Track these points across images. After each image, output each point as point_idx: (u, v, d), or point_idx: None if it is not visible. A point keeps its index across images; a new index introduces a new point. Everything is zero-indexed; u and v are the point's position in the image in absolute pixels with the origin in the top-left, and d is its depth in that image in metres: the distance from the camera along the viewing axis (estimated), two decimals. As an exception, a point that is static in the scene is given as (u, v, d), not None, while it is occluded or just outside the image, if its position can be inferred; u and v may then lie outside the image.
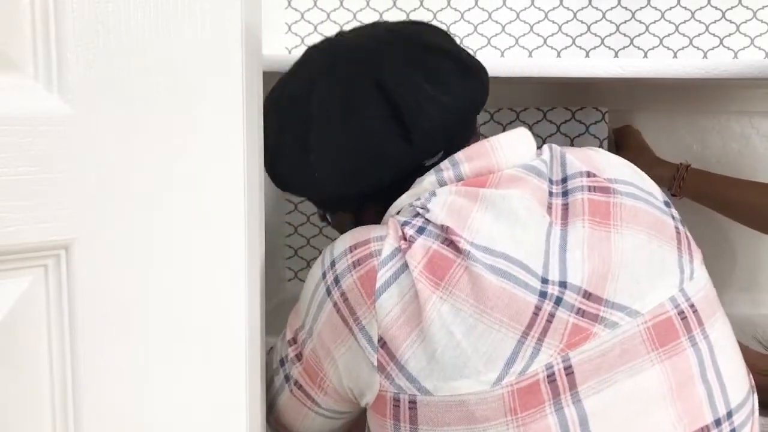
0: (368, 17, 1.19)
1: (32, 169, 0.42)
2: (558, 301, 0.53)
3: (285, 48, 1.22)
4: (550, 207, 0.58)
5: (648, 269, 0.56)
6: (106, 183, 0.45)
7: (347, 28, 1.19)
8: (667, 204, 0.62)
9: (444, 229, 0.55)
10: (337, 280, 0.57)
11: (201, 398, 0.51)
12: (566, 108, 1.11)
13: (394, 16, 1.18)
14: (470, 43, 1.17)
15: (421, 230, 0.55)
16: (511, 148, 0.61)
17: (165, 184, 0.48)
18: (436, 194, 0.58)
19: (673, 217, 0.61)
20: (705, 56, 1.14)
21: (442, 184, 0.60)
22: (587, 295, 0.54)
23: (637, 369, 0.53)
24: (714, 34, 1.14)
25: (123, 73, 0.45)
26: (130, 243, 0.47)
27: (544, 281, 0.54)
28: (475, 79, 0.65)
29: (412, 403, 0.52)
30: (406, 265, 0.54)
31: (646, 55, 1.15)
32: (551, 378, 0.52)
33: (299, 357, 0.62)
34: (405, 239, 0.56)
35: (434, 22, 1.17)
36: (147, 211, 0.47)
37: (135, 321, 0.48)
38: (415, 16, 1.18)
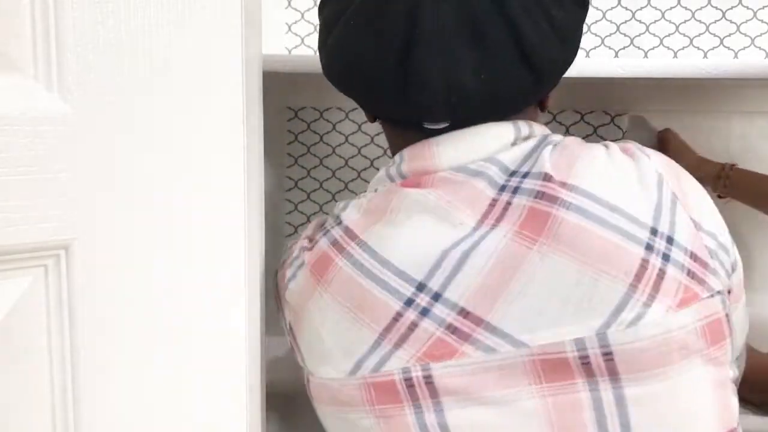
0: (368, 17, 1.19)
1: (32, 169, 0.42)
2: (424, 312, 0.53)
3: (285, 48, 1.22)
4: (492, 205, 0.54)
5: (559, 302, 0.51)
6: (106, 183, 0.45)
7: (347, 28, 1.20)
8: (653, 231, 0.51)
9: (346, 230, 0.58)
10: (276, 273, 0.67)
11: (201, 398, 0.51)
12: (605, 112, 1.10)
13: (394, 16, 1.18)
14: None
15: (326, 232, 0.60)
16: (451, 148, 0.57)
17: (165, 184, 0.48)
18: (377, 191, 0.61)
19: (651, 248, 0.51)
20: (705, 56, 1.14)
21: (389, 178, 0.61)
22: (464, 313, 0.52)
23: (514, 396, 0.52)
24: (714, 34, 1.14)
25: (123, 73, 0.45)
26: (130, 243, 0.47)
27: (420, 288, 0.53)
28: (529, 68, 0.57)
29: (308, 380, 0.60)
30: (304, 263, 0.60)
31: (646, 55, 1.15)
32: (408, 382, 0.53)
33: None
34: (311, 241, 0.62)
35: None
36: (147, 211, 0.47)
37: (135, 321, 0.48)
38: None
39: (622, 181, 0.54)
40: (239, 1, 0.49)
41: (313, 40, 1.21)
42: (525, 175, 0.55)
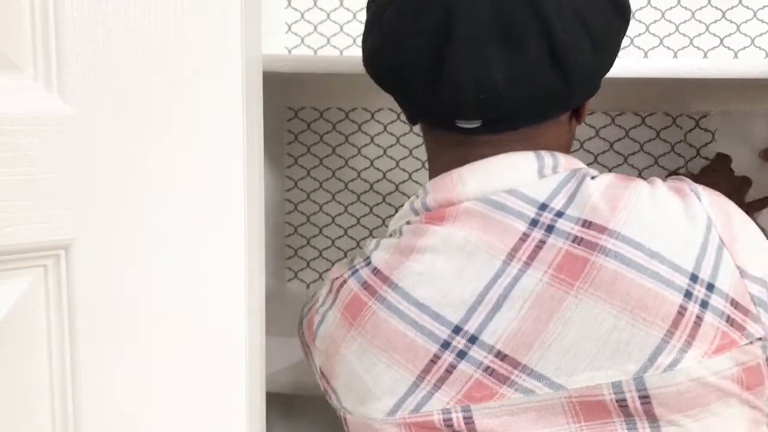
0: (368, 17, 1.19)
1: (32, 169, 0.42)
2: (461, 355, 0.54)
3: (285, 48, 1.22)
4: (523, 239, 0.54)
5: (596, 346, 0.51)
6: (106, 183, 0.45)
7: (347, 28, 1.20)
8: (693, 278, 0.51)
9: (375, 271, 0.59)
10: (301, 321, 0.67)
11: (201, 398, 0.51)
12: (666, 114, 1.08)
13: (394, 16, 1.18)
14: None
15: (354, 272, 0.61)
16: (473, 177, 0.58)
17: (165, 184, 0.48)
18: (402, 232, 0.60)
19: (689, 295, 0.51)
20: (705, 56, 1.14)
21: (414, 211, 0.61)
22: (501, 356, 0.53)
23: None
24: (714, 34, 1.14)
25: (123, 73, 0.45)
26: (130, 243, 0.47)
27: (456, 331, 0.54)
28: (559, 70, 0.56)
29: (345, 419, 0.61)
30: (333, 305, 0.61)
31: (646, 55, 1.15)
32: (448, 422, 0.54)
33: None
34: (340, 278, 0.62)
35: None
36: (147, 211, 0.47)
37: (135, 321, 0.48)
38: (415, 16, 1.18)
39: (666, 226, 0.53)
40: (239, 1, 0.49)
41: (313, 40, 1.21)
42: (559, 214, 0.54)
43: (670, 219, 0.53)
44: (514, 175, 0.57)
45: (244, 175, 0.51)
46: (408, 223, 0.61)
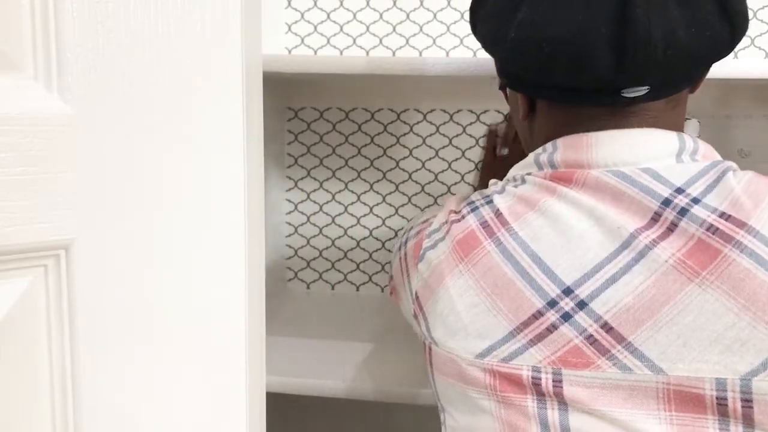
0: (368, 17, 1.19)
1: (32, 169, 0.42)
2: (566, 317, 0.53)
3: (285, 48, 1.22)
4: (655, 219, 0.53)
5: (709, 339, 0.50)
6: (106, 183, 0.45)
7: (347, 28, 1.20)
8: None
9: (497, 213, 0.59)
10: (406, 241, 0.67)
11: (201, 398, 0.51)
12: None
13: (394, 16, 1.18)
14: (470, 43, 1.17)
15: (474, 209, 0.61)
16: (608, 145, 0.57)
17: (165, 184, 0.48)
18: (525, 181, 0.60)
19: None
20: (705, 56, 1.14)
21: (538, 164, 0.61)
22: (606, 327, 0.52)
23: (640, 418, 0.51)
24: (714, 34, 1.14)
25: (123, 73, 0.45)
26: (130, 243, 0.47)
27: (567, 292, 0.53)
28: (726, 23, 0.56)
29: (429, 349, 0.61)
30: (447, 235, 0.61)
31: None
32: (536, 380, 0.54)
33: (391, 278, 0.75)
34: (457, 213, 0.62)
35: (434, 23, 1.17)
36: (147, 211, 0.47)
37: (135, 321, 0.48)
38: (415, 16, 1.18)
39: None
40: (239, 1, 0.49)
41: (313, 40, 1.21)
42: (696, 201, 0.53)
43: None
44: (652, 152, 0.56)
45: (244, 175, 0.51)
46: (529, 174, 0.60)
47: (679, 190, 0.54)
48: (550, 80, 0.59)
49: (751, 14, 1.13)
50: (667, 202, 0.53)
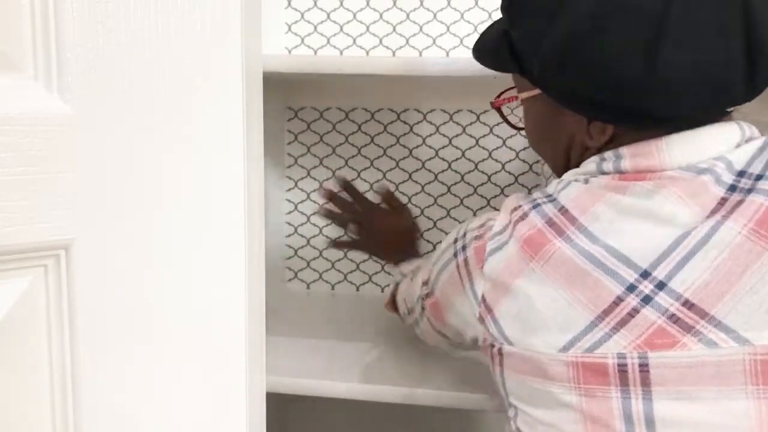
0: (368, 17, 1.19)
1: (32, 169, 0.42)
2: (646, 300, 0.53)
3: (285, 48, 1.22)
4: (721, 203, 0.54)
5: None
6: (106, 183, 0.45)
7: (347, 28, 1.20)
8: None
9: (562, 210, 0.59)
10: (464, 247, 0.66)
11: (201, 398, 0.51)
12: None
13: (394, 16, 1.18)
14: (469, 43, 1.17)
15: (536, 206, 0.61)
16: (680, 148, 0.57)
17: (165, 184, 0.48)
18: (589, 182, 0.60)
19: None
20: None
21: (601, 172, 0.60)
22: (688, 305, 0.52)
23: (727, 395, 0.51)
24: (714, 34, 1.14)
25: (123, 73, 0.45)
26: (130, 243, 0.47)
27: (644, 276, 0.54)
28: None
29: (500, 350, 0.61)
30: (512, 236, 0.61)
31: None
32: (622, 367, 0.54)
33: (429, 295, 0.74)
34: (519, 210, 0.62)
35: (434, 23, 1.17)
36: (147, 211, 0.47)
37: (135, 321, 0.48)
38: (415, 16, 1.18)
39: None
40: (239, 1, 0.49)
41: (313, 40, 1.21)
42: (759, 177, 0.55)
43: None
44: (720, 146, 0.57)
45: (244, 175, 0.51)
46: (587, 181, 0.60)
47: (742, 173, 0.55)
48: (676, 112, 0.57)
49: (751, 14, 1.13)
50: (732, 188, 0.55)
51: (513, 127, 0.75)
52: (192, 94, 0.48)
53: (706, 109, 0.57)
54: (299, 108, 1.23)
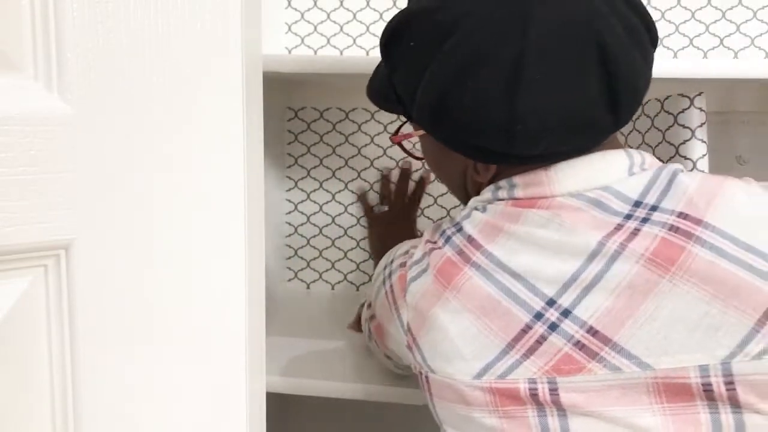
0: (368, 17, 1.19)
1: (32, 169, 0.42)
2: (553, 327, 0.55)
3: (285, 48, 1.22)
4: (617, 229, 0.56)
5: (686, 330, 0.52)
6: (106, 183, 0.45)
7: (347, 28, 1.20)
8: None
9: (469, 239, 0.61)
10: (390, 275, 0.69)
11: (201, 398, 0.51)
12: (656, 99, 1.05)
13: (394, 16, 1.18)
14: (470, 43, 1.17)
15: (447, 239, 0.63)
16: (567, 176, 0.59)
17: (165, 184, 0.48)
18: (486, 210, 0.62)
19: None
20: (705, 56, 1.14)
21: (497, 199, 0.62)
22: (592, 331, 0.54)
23: (635, 414, 0.54)
24: (714, 34, 1.14)
25: (123, 73, 0.45)
26: (130, 243, 0.47)
27: (550, 304, 0.55)
28: (653, 47, 0.60)
29: (426, 378, 0.62)
30: (428, 265, 0.63)
31: (646, 55, 1.15)
32: (533, 391, 0.56)
33: (372, 318, 0.76)
34: (434, 243, 0.64)
35: (434, 22, 1.17)
36: (147, 211, 0.47)
37: (135, 321, 0.48)
38: (415, 16, 1.18)
39: (761, 222, 0.55)
40: (239, 1, 0.49)
41: (313, 40, 1.21)
42: (654, 208, 0.56)
43: (765, 215, 0.55)
44: (609, 173, 0.59)
45: (244, 175, 0.51)
46: (485, 209, 0.62)
47: (637, 204, 0.57)
48: (543, 151, 0.59)
49: (751, 14, 1.13)
50: (628, 217, 0.56)
51: (416, 158, 0.77)
52: (192, 95, 0.48)
53: (575, 145, 0.59)
54: (299, 108, 1.23)
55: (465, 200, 0.70)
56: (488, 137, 0.57)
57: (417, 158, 0.76)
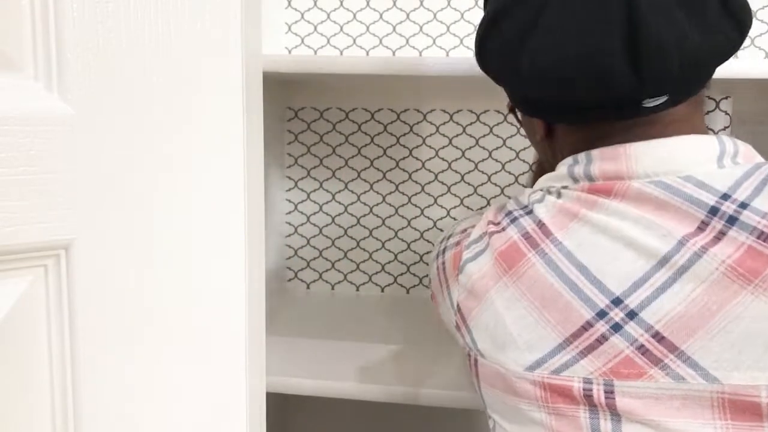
0: (368, 17, 1.19)
1: (32, 169, 0.42)
2: (616, 327, 0.53)
3: (285, 48, 1.22)
4: (700, 229, 0.52)
5: (763, 346, 0.49)
6: (106, 183, 0.45)
7: (347, 28, 1.20)
8: None
9: (539, 224, 0.58)
10: (444, 250, 0.67)
11: (201, 398, 0.51)
12: None
13: (394, 16, 1.18)
14: (469, 43, 1.17)
15: (513, 219, 0.61)
16: (648, 155, 0.56)
17: (165, 184, 0.48)
18: (562, 195, 0.59)
19: None
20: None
21: (573, 178, 0.60)
22: (658, 337, 0.52)
23: (694, 428, 0.51)
24: (714, 34, 1.14)
25: (123, 73, 0.45)
26: (130, 243, 0.47)
27: (616, 303, 0.53)
28: (732, 20, 0.55)
29: (475, 360, 0.61)
30: (488, 247, 0.61)
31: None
32: (587, 392, 0.53)
33: (431, 281, 0.72)
34: (496, 224, 0.62)
35: (434, 23, 1.17)
36: (147, 211, 0.47)
37: (135, 321, 0.48)
38: (416, 16, 1.18)
39: None
40: (239, 1, 0.49)
41: (313, 40, 1.21)
42: (744, 205, 0.52)
43: None
44: (692, 159, 0.55)
45: (244, 175, 0.51)
46: (565, 187, 0.60)
47: (725, 196, 0.53)
48: (570, 102, 0.58)
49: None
50: (714, 211, 0.53)
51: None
52: (192, 95, 0.48)
53: (599, 98, 0.56)
54: (299, 108, 1.23)
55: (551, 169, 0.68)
56: (509, 81, 0.59)
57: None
